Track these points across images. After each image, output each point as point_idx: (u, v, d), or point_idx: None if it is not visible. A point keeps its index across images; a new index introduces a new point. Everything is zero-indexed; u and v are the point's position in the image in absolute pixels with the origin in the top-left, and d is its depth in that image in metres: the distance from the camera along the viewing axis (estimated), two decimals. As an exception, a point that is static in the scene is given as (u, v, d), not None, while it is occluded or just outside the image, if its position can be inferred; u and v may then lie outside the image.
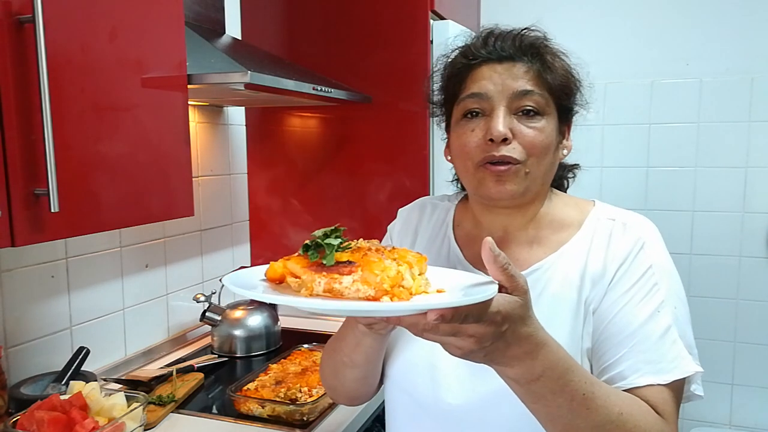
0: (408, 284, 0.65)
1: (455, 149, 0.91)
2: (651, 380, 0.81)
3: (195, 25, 1.68)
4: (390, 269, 0.63)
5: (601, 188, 2.52)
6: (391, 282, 0.63)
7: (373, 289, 0.63)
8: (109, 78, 1.15)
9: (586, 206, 0.96)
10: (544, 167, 0.88)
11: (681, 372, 0.82)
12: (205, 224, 2.08)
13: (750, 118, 2.33)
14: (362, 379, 0.99)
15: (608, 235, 0.90)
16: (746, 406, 2.44)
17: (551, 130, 0.87)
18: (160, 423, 1.39)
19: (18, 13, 0.94)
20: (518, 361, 0.67)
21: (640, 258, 0.86)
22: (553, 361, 0.68)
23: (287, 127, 2.23)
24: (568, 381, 0.70)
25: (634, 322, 0.83)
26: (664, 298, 0.84)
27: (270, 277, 0.71)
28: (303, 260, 0.68)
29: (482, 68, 0.89)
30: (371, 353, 0.93)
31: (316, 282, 0.65)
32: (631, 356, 0.82)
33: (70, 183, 1.04)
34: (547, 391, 0.69)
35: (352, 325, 0.90)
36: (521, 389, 0.71)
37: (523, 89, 0.85)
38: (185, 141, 1.37)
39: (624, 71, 2.45)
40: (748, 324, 2.40)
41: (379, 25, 2.03)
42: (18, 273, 1.43)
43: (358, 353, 0.92)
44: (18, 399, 1.33)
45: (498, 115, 0.85)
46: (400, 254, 0.68)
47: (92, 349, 1.48)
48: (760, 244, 2.36)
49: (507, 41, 0.89)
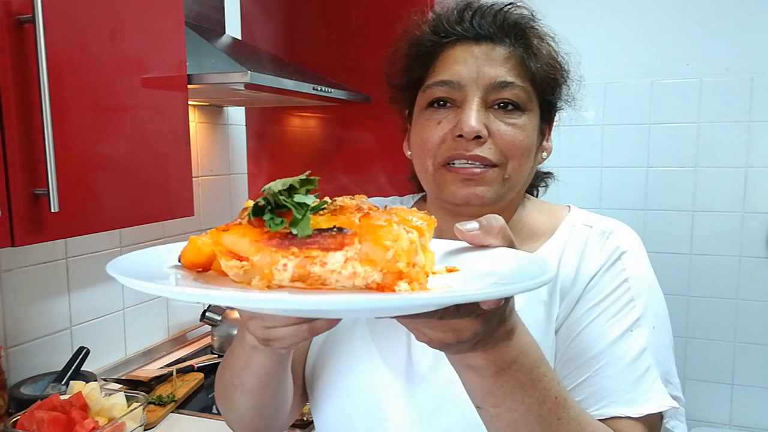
0: (421, 261, 0.44)
1: (415, 144, 0.77)
2: (619, 411, 0.67)
3: (195, 25, 1.68)
4: (404, 238, 0.42)
5: (601, 188, 2.52)
6: (407, 258, 0.41)
7: (379, 271, 0.41)
8: (109, 78, 1.15)
9: (560, 212, 0.82)
10: (524, 172, 0.75)
11: (654, 406, 0.68)
12: (205, 224, 2.08)
13: (750, 118, 2.33)
14: (257, 409, 0.75)
15: (583, 243, 0.76)
16: (746, 406, 2.44)
17: (533, 128, 0.74)
18: (160, 423, 1.39)
19: (18, 13, 0.94)
20: (497, 343, 0.52)
21: (616, 269, 0.73)
22: (526, 344, 0.55)
23: (287, 127, 2.23)
24: (541, 375, 0.56)
25: (601, 341, 0.70)
26: (639, 315, 0.71)
27: (189, 262, 0.47)
28: (253, 231, 0.44)
29: (455, 49, 0.74)
30: (264, 376, 0.69)
31: (279, 265, 0.42)
32: (595, 382, 0.69)
33: (70, 183, 1.04)
34: (516, 385, 0.54)
35: (241, 334, 0.67)
36: (485, 383, 0.55)
37: (502, 80, 0.72)
38: (185, 141, 1.37)
39: (624, 71, 2.45)
40: (748, 324, 2.40)
41: (379, 25, 2.02)
42: (18, 273, 1.43)
43: (247, 374, 0.69)
44: (18, 399, 1.32)
45: (471, 107, 0.71)
46: (400, 216, 0.46)
47: (92, 349, 1.48)
48: (760, 244, 2.36)
49: (487, 18, 0.75)
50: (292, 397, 0.80)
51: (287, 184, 0.44)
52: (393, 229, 0.41)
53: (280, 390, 0.74)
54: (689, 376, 2.42)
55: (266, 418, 0.78)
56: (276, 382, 0.72)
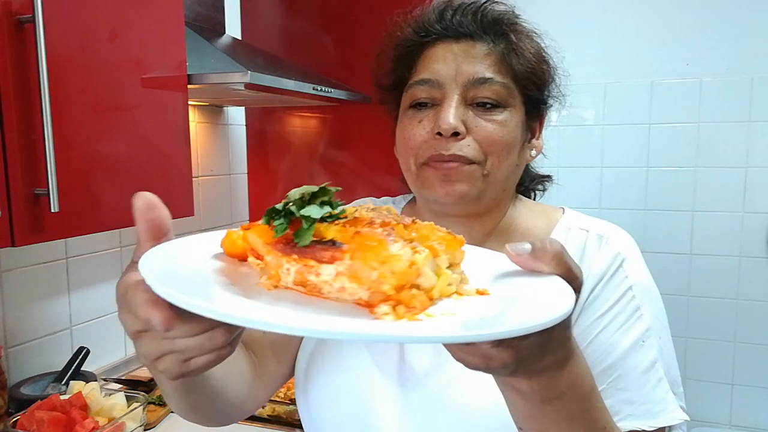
0: (428, 283, 0.42)
1: (399, 143, 0.77)
2: (635, 425, 0.66)
3: (195, 25, 1.68)
4: (397, 259, 0.40)
5: (601, 188, 2.52)
6: (396, 281, 0.40)
7: (366, 289, 0.41)
8: (109, 78, 1.15)
9: (554, 214, 0.81)
10: (505, 168, 0.73)
11: (669, 418, 0.68)
12: (205, 224, 2.08)
13: (750, 118, 2.33)
14: (190, 409, 0.70)
15: (581, 248, 0.75)
16: (746, 406, 2.44)
17: (515, 124, 0.73)
18: (160, 423, 1.39)
19: (18, 13, 0.94)
20: (543, 372, 0.48)
21: (619, 276, 0.72)
22: (579, 375, 0.51)
23: (287, 127, 2.23)
24: (592, 406, 0.53)
25: (613, 352, 0.69)
26: (648, 325, 0.70)
27: (228, 252, 0.49)
28: (268, 234, 0.45)
29: (436, 48, 0.75)
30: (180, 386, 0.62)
31: (283, 269, 0.44)
32: (610, 395, 0.67)
33: (70, 183, 1.04)
34: (563, 416, 0.51)
35: None
36: (530, 409, 0.51)
37: (480, 76, 0.71)
38: (185, 141, 1.37)
39: (624, 71, 2.44)
40: (748, 324, 2.40)
41: (379, 25, 2.02)
42: (18, 273, 1.43)
43: (165, 385, 0.62)
44: (18, 399, 1.32)
45: (449, 104, 0.71)
46: (420, 233, 0.45)
47: (92, 349, 1.48)
48: (760, 244, 2.36)
49: (467, 15, 0.74)
50: (240, 382, 0.75)
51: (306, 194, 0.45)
52: (383, 249, 0.40)
53: (206, 388, 0.67)
54: (689, 376, 2.41)
55: (208, 413, 0.72)
56: (197, 385, 0.64)
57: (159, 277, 0.39)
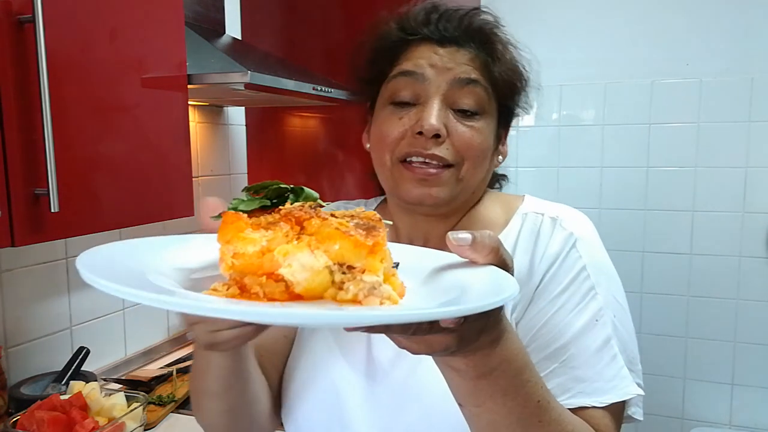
0: (293, 278, 0.45)
1: (374, 137, 0.77)
2: (584, 402, 0.68)
3: (195, 25, 1.68)
4: (250, 242, 0.46)
5: (601, 188, 2.52)
6: (243, 262, 0.46)
7: (223, 269, 0.48)
8: (109, 78, 1.15)
9: (514, 202, 0.82)
10: (479, 174, 0.75)
11: (620, 394, 0.69)
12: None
13: (750, 118, 2.33)
14: (227, 413, 0.74)
15: (536, 232, 0.76)
16: (746, 406, 2.44)
17: (490, 131, 0.75)
18: (160, 423, 1.39)
19: (18, 13, 0.95)
20: (478, 350, 0.51)
21: (572, 257, 0.73)
22: (512, 351, 0.54)
23: (287, 127, 2.23)
24: (525, 381, 0.56)
25: (566, 332, 0.70)
26: (602, 304, 0.71)
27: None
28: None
29: (420, 47, 0.75)
30: (226, 377, 0.69)
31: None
32: (561, 373, 0.69)
33: (70, 183, 1.04)
34: (497, 389, 0.54)
35: None
36: (466, 384, 0.55)
37: (466, 76, 0.72)
38: (185, 141, 1.37)
39: (624, 71, 2.44)
40: (748, 324, 2.40)
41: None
42: (18, 273, 1.43)
43: (210, 377, 0.69)
44: (18, 399, 1.33)
45: (433, 105, 0.71)
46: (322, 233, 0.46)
47: (92, 349, 1.48)
48: (760, 244, 2.36)
49: (452, 22, 0.75)
50: (267, 397, 0.79)
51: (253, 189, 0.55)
52: (240, 231, 0.46)
53: (248, 389, 0.73)
54: (689, 376, 2.41)
55: (240, 422, 0.75)
56: (241, 382, 0.71)
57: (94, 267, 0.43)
